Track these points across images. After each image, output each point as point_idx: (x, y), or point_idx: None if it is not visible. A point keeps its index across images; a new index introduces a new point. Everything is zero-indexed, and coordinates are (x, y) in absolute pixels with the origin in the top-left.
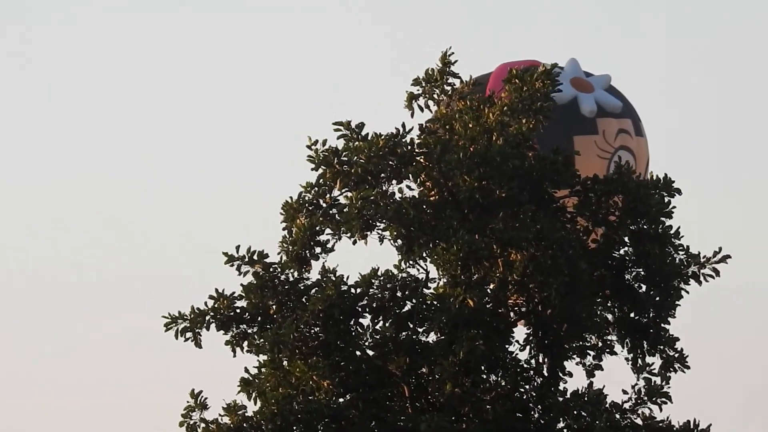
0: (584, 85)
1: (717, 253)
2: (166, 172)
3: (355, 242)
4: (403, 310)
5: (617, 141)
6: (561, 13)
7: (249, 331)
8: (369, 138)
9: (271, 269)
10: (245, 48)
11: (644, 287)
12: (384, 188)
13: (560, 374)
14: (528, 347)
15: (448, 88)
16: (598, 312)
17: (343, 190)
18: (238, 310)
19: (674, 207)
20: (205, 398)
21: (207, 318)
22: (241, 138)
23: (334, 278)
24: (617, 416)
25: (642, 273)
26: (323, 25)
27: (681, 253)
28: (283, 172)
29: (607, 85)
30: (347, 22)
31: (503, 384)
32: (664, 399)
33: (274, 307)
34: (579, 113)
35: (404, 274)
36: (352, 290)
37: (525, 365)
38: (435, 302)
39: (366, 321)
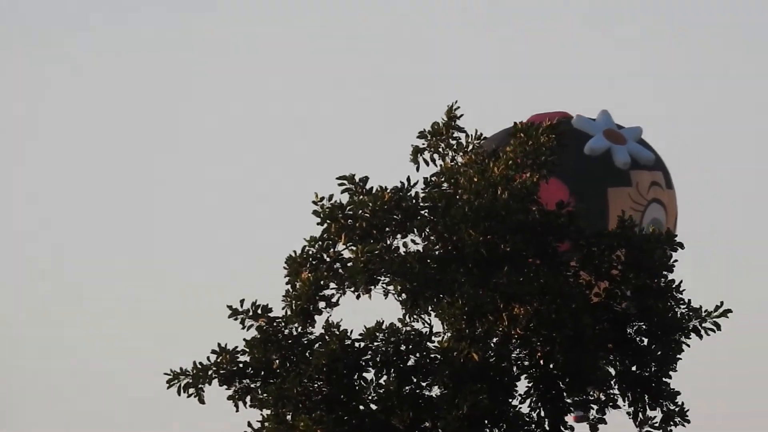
0: (617, 137)
1: (719, 307)
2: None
3: (359, 296)
4: (407, 364)
5: (650, 193)
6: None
7: (252, 385)
8: (374, 192)
9: (275, 323)
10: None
11: (646, 341)
12: (389, 242)
13: (562, 428)
14: (529, 400)
15: (453, 141)
16: (601, 365)
17: (348, 244)
18: (241, 365)
19: (676, 261)
20: None
21: (210, 373)
22: (246, 192)
23: (338, 332)
24: None
25: (644, 327)
26: (330, 79)
27: (683, 306)
28: (288, 225)
29: (639, 137)
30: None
31: None
32: None
33: (277, 361)
34: (613, 165)
35: (408, 328)
36: (356, 344)
37: (527, 419)
38: (439, 356)
39: (370, 375)
